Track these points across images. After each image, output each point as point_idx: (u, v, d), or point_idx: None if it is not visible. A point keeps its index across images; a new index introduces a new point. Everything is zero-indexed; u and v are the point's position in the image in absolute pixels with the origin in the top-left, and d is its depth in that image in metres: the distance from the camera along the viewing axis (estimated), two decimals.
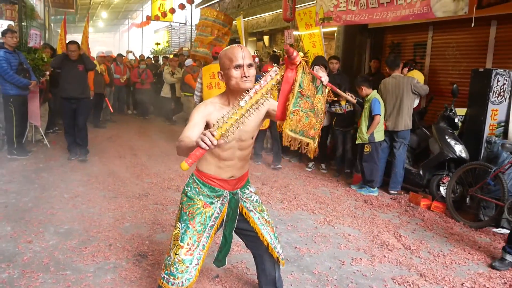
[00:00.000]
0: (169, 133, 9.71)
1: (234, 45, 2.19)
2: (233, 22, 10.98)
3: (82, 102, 6.72)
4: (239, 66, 2.12)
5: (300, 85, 1.94)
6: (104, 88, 9.98)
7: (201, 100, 6.60)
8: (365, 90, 5.63)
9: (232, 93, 2.20)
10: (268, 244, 2.46)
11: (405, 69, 6.23)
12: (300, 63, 1.92)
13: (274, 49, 11.87)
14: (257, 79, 2.02)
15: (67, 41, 10.61)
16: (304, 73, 1.94)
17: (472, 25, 4.59)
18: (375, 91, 5.65)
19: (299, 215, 4.75)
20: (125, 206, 4.75)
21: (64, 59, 6.55)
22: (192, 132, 2.08)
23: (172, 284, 2.25)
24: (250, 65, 2.14)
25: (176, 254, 2.25)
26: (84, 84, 6.77)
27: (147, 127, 10.50)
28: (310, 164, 6.91)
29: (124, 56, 12.72)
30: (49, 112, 8.37)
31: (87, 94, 6.90)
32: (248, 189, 2.48)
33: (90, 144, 7.94)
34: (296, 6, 8.94)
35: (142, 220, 4.35)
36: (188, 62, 10.52)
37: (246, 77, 2.13)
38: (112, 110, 10.68)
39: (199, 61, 10.50)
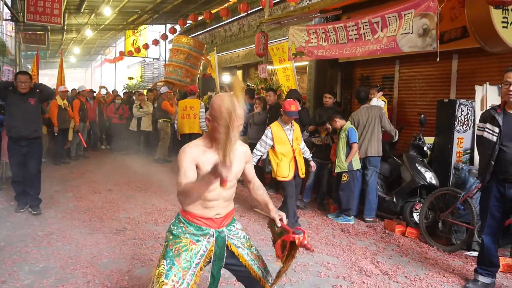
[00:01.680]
0: (145, 168, 9.64)
1: (231, 100, 2.02)
2: (208, 57, 11.24)
3: (34, 144, 5.60)
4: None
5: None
6: (69, 123, 9.84)
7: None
8: (339, 121, 5.85)
9: (215, 139, 2.23)
10: (260, 278, 2.46)
11: (379, 93, 6.37)
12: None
13: (248, 83, 12.14)
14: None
15: (39, 77, 10.64)
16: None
17: (438, 59, 4.88)
18: (349, 122, 5.86)
19: None
20: (102, 242, 4.68)
21: (8, 90, 5.46)
22: (188, 178, 2.16)
23: None
24: (239, 126, 2.11)
25: None
26: (36, 121, 5.64)
27: (121, 162, 10.40)
28: None
29: (96, 92, 12.73)
30: None
31: (40, 133, 5.74)
32: (234, 226, 2.49)
33: (63, 181, 7.84)
34: (268, 42, 9.26)
35: (121, 256, 4.29)
36: (164, 89, 10.68)
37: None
38: (86, 145, 10.58)
39: (175, 87, 10.72)
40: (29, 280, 3.66)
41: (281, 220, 2.46)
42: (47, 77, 33.34)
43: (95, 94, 12.59)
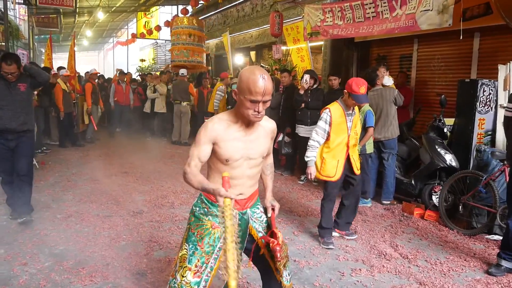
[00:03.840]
0: (159, 150, 9.68)
1: (259, 72, 2.03)
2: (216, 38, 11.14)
3: (23, 138, 4.63)
4: (255, 101, 2.04)
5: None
6: (73, 107, 9.81)
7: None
8: None
9: (240, 114, 2.15)
10: (272, 267, 2.37)
11: (387, 72, 6.02)
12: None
13: (262, 64, 11.99)
14: None
15: (53, 60, 10.63)
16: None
17: (461, 37, 4.71)
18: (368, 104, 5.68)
19: (295, 228, 4.76)
20: (120, 224, 4.70)
21: None
22: (200, 159, 2.13)
23: None
24: (266, 101, 2.06)
25: (183, 277, 2.17)
26: (26, 111, 4.63)
27: (136, 145, 10.44)
28: (303, 177, 6.94)
29: (126, 73, 12.77)
30: (37, 132, 8.27)
31: (30, 126, 4.72)
32: (258, 208, 2.40)
33: (80, 163, 7.89)
34: (283, 21, 9.09)
35: (138, 238, 4.31)
36: (183, 71, 10.67)
37: (259, 112, 2.08)
38: (96, 128, 10.59)
39: (189, 70, 10.77)
40: (50, 262, 3.69)
41: (273, 210, 2.36)
42: (60, 61, 33.53)
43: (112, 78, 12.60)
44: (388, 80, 5.91)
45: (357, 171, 4.29)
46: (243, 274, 3.52)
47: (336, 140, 4.10)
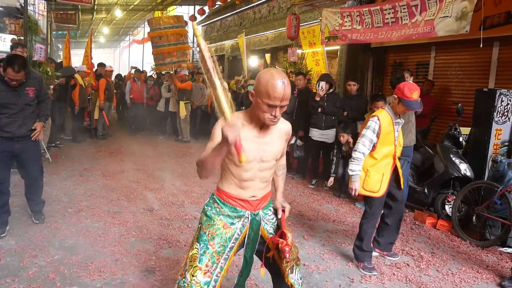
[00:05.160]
0: (171, 149, 9.71)
1: (279, 77, 2.00)
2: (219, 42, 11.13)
3: (29, 141, 4.24)
4: (273, 106, 2.02)
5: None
6: (88, 102, 10.00)
7: None
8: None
9: (255, 116, 2.13)
10: (283, 268, 2.30)
11: (411, 78, 5.98)
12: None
13: (277, 67, 11.97)
14: None
15: (70, 57, 10.74)
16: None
17: (481, 45, 4.64)
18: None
19: (305, 231, 4.72)
20: (130, 221, 4.71)
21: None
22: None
23: None
24: (284, 106, 2.04)
25: (193, 276, 2.15)
26: (34, 115, 4.28)
27: (148, 143, 10.49)
28: (314, 181, 6.89)
29: (142, 71, 12.86)
30: (51, 126, 8.36)
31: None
32: (270, 210, 2.38)
33: (92, 159, 7.95)
34: (300, 25, 9.06)
35: (148, 235, 4.32)
36: (184, 71, 10.76)
37: (275, 117, 2.05)
38: (108, 123, 10.66)
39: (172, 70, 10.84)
40: (59, 255, 3.71)
41: (283, 211, 2.34)
42: (76, 57, 33.91)
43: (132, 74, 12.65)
44: None
45: (402, 185, 3.97)
46: (252, 276, 3.49)
47: (382, 151, 3.70)
